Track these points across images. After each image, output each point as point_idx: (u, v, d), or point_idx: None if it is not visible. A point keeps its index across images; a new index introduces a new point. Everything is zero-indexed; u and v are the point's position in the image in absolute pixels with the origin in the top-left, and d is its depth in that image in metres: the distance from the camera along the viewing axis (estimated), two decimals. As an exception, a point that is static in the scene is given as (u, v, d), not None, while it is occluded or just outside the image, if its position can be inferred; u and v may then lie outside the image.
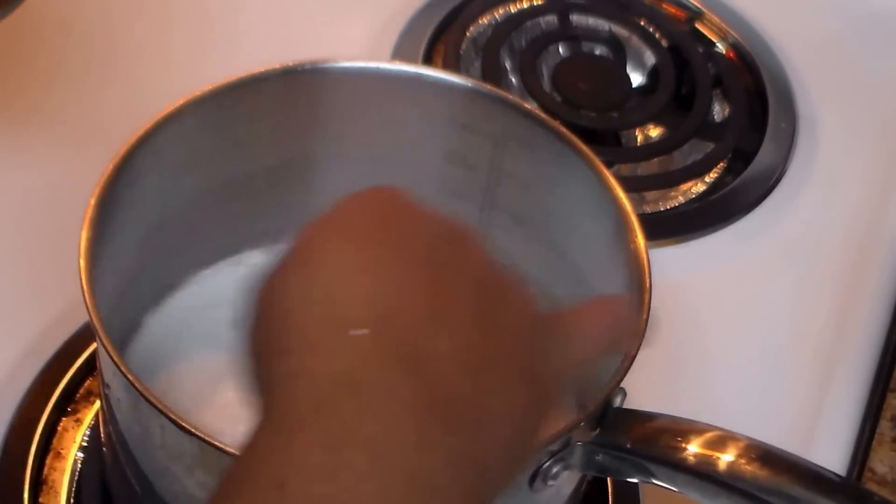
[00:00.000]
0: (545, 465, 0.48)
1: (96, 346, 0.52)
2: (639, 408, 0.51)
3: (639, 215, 0.54)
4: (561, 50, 0.86)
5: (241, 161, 0.58)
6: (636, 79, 0.86)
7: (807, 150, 0.83)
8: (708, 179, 0.81)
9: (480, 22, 0.86)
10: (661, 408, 0.51)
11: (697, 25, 0.89)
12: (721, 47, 0.88)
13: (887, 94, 0.88)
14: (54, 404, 0.63)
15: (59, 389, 0.64)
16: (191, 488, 0.48)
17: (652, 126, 0.84)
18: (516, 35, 0.86)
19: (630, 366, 0.49)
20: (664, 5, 0.91)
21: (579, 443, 0.49)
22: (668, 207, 0.78)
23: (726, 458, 0.49)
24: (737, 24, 0.90)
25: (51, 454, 0.63)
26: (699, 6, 0.90)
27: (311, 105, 0.57)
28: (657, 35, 0.87)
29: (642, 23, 0.87)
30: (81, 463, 0.62)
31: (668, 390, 0.65)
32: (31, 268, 0.69)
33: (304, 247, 0.39)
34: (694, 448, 0.49)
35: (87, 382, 0.65)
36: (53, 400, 0.64)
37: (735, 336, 0.73)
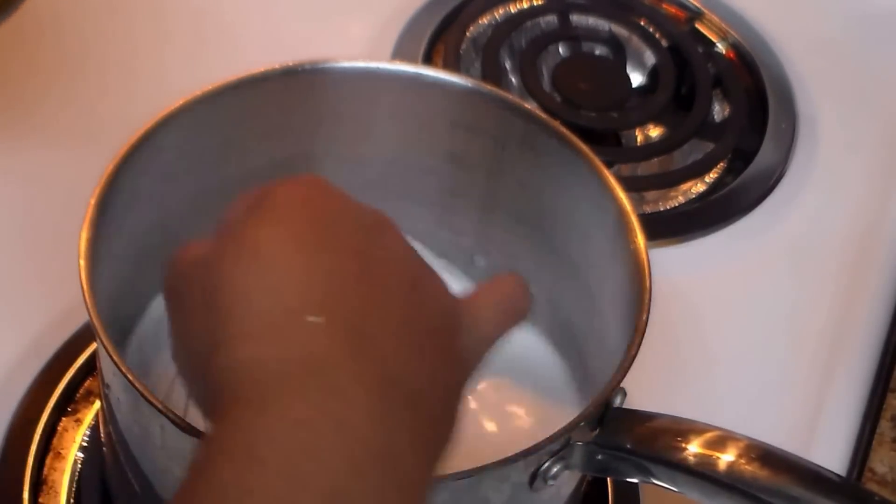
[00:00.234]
0: (545, 464, 0.48)
1: (96, 346, 0.52)
2: (639, 408, 0.51)
3: (639, 215, 0.54)
4: (561, 50, 0.86)
5: (241, 161, 0.58)
6: (636, 79, 0.86)
7: (807, 150, 0.83)
8: (708, 179, 0.81)
9: (480, 22, 0.86)
10: (661, 408, 0.51)
11: (697, 25, 0.89)
12: (721, 47, 0.88)
13: (887, 94, 0.88)
14: (54, 404, 0.63)
15: (59, 389, 0.64)
16: (191, 488, 0.48)
17: (652, 126, 0.84)
18: (516, 35, 0.86)
19: (630, 366, 0.49)
20: (664, 5, 0.91)
21: (579, 443, 0.49)
22: (668, 207, 0.78)
23: (726, 458, 0.48)
24: (737, 24, 0.90)
25: (51, 454, 0.62)
26: (699, 6, 0.90)
27: (311, 105, 0.57)
28: (657, 35, 0.87)
29: (642, 23, 0.87)
30: (81, 463, 0.62)
31: (668, 390, 0.64)
32: (31, 268, 0.69)
33: (239, 232, 0.40)
34: (694, 448, 0.49)
35: (87, 382, 0.65)
36: (53, 400, 0.64)
37: (735, 336, 0.73)
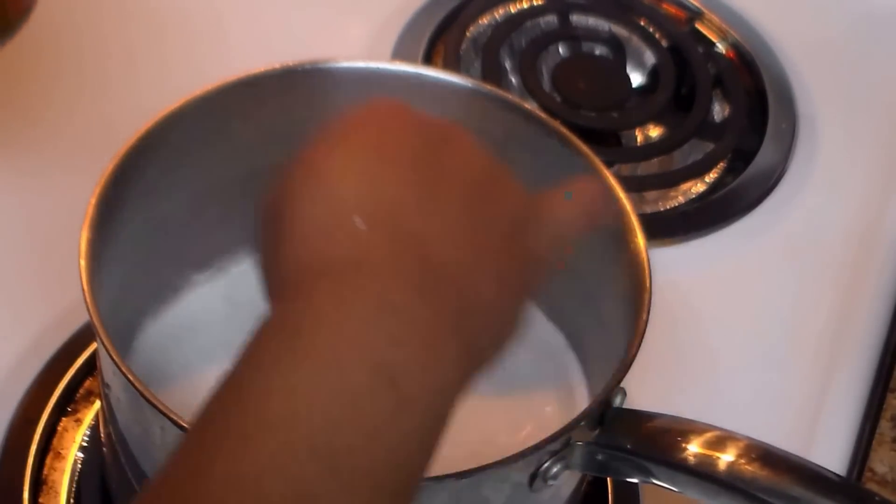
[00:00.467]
0: (545, 464, 0.48)
1: (96, 346, 0.52)
2: (639, 408, 0.51)
3: (639, 215, 0.54)
4: (561, 50, 0.86)
5: (241, 161, 0.58)
6: (636, 79, 0.86)
7: (807, 150, 0.83)
8: (708, 179, 0.81)
9: (480, 22, 0.86)
10: (661, 408, 0.51)
11: (697, 25, 0.89)
12: (721, 47, 0.88)
13: (887, 94, 0.88)
14: (54, 404, 0.63)
15: (59, 389, 0.64)
16: (191, 488, 0.48)
17: (652, 126, 0.84)
18: (516, 35, 0.86)
19: (630, 366, 0.49)
20: (664, 5, 0.91)
21: (579, 442, 0.49)
22: (668, 207, 0.78)
23: (726, 458, 0.49)
24: (737, 24, 0.90)
25: (51, 454, 0.62)
26: (699, 6, 0.90)
27: (311, 105, 0.57)
28: (657, 35, 0.87)
29: (642, 23, 0.87)
30: (81, 463, 0.62)
31: (668, 390, 0.64)
32: (31, 268, 0.69)
33: (306, 153, 0.43)
34: (694, 448, 0.49)
35: (87, 382, 0.65)
36: (53, 400, 0.64)
37: (735, 336, 0.73)
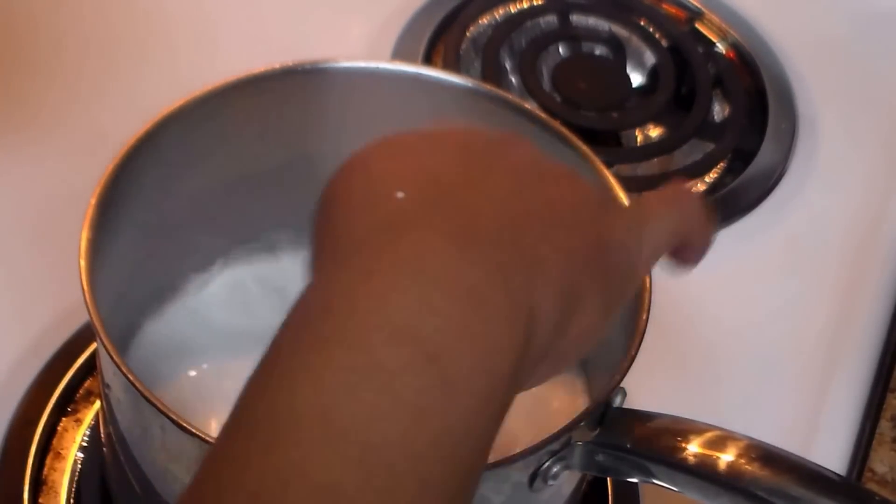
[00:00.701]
0: (545, 464, 0.48)
1: (96, 346, 0.52)
2: (639, 408, 0.51)
3: (639, 215, 0.54)
4: (561, 50, 0.86)
5: (241, 161, 0.58)
6: (636, 79, 0.86)
7: (807, 150, 0.83)
8: (708, 180, 0.81)
9: (480, 22, 0.86)
10: (661, 408, 0.51)
11: (697, 25, 0.89)
12: (721, 47, 0.88)
13: (887, 94, 0.88)
14: (54, 404, 0.63)
15: (59, 389, 0.64)
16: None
17: (652, 126, 0.84)
18: (516, 35, 0.86)
19: (630, 366, 0.49)
20: (664, 5, 0.91)
21: (579, 442, 0.49)
22: (668, 207, 0.78)
23: (726, 457, 0.48)
24: (737, 24, 0.90)
25: (51, 454, 0.62)
26: (699, 6, 0.90)
27: (311, 105, 0.57)
28: (657, 35, 0.87)
29: (642, 23, 0.87)
30: (81, 463, 0.62)
31: (668, 390, 0.64)
32: (31, 268, 0.69)
33: (365, 149, 0.41)
34: (694, 448, 0.49)
35: (87, 382, 0.65)
36: (53, 400, 0.64)
37: (735, 336, 0.73)
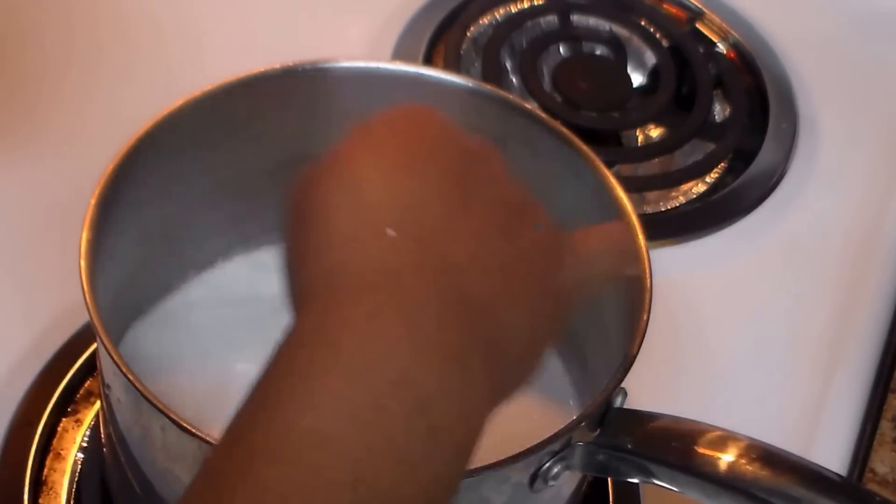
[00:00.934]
0: (546, 465, 0.48)
1: (96, 346, 0.52)
2: (639, 408, 0.51)
3: (639, 216, 0.54)
4: (561, 50, 0.86)
5: (240, 161, 0.58)
6: (637, 79, 0.86)
7: (807, 150, 0.83)
8: (709, 180, 0.81)
9: (481, 22, 0.86)
10: (662, 408, 0.51)
11: (698, 25, 0.89)
12: (722, 47, 0.88)
13: (887, 94, 0.88)
14: (54, 404, 0.63)
15: (59, 390, 0.64)
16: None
17: (652, 126, 0.83)
18: (517, 35, 0.86)
19: (630, 366, 0.49)
20: (665, 5, 0.91)
21: (580, 443, 0.49)
22: (669, 208, 0.78)
23: (727, 458, 0.48)
24: (737, 24, 0.90)
25: (51, 455, 0.62)
26: (700, 6, 0.90)
27: (311, 105, 0.57)
28: (658, 35, 0.87)
29: (643, 23, 0.87)
30: (81, 464, 0.62)
31: (668, 390, 0.64)
32: (31, 268, 0.69)
33: (339, 155, 0.41)
34: (695, 448, 0.49)
35: (88, 383, 0.65)
36: (53, 400, 0.63)
37: (735, 336, 0.73)
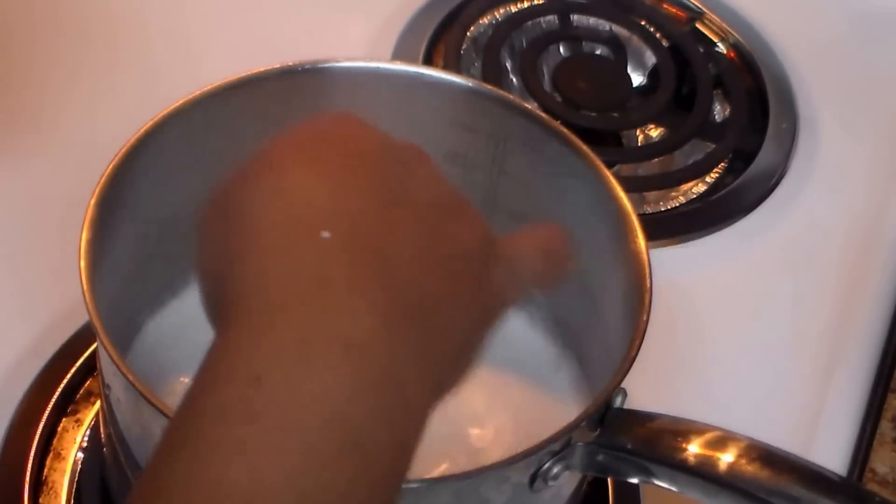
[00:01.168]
0: (546, 465, 0.48)
1: (96, 346, 0.52)
2: (639, 408, 0.51)
3: (639, 215, 0.54)
4: (561, 50, 0.86)
5: (241, 161, 0.58)
6: (637, 79, 0.86)
7: (807, 150, 0.83)
8: (708, 180, 0.81)
9: (481, 22, 0.86)
10: (661, 408, 0.51)
11: (698, 25, 0.89)
12: (722, 47, 0.88)
13: (888, 94, 0.88)
14: (54, 405, 0.63)
15: (59, 390, 0.64)
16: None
17: (652, 126, 0.83)
18: (517, 35, 0.86)
19: (630, 366, 0.49)
20: (665, 5, 0.91)
21: (580, 443, 0.49)
22: (669, 208, 0.78)
23: (727, 458, 0.48)
24: (737, 24, 0.90)
25: (51, 455, 0.62)
26: (700, 6, 0.90)
27: (311, 105, 0.57)
28: (658, 35, 0.87)
29: (643, 23, 0.87)
30: (81, 463, 0.62)
31: (668, 390, 0.64)
32: (31, 268, 0.69)
33: (264, 159, 0.40)
34: (694, 448, 0.49)
35: (88, 383, 0.65)
36: (53, 400, 0.63)
37: (735, 336, 0.73)
